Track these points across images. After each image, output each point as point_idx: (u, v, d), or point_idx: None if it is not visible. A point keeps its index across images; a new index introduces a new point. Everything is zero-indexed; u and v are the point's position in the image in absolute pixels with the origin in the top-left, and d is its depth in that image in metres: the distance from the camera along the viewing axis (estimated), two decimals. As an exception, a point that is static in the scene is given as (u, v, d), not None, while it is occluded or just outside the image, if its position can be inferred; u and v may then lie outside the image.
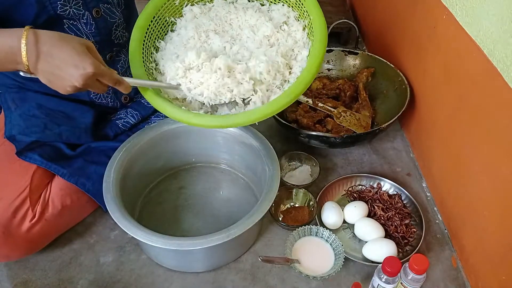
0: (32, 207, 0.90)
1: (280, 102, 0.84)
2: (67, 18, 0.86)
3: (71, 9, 0.85)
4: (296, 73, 0.89)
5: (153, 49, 0.95)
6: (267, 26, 0.92)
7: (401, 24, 1.28)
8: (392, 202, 1.04)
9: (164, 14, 0.97)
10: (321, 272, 0.91)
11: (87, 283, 0.93)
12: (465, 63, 0.91)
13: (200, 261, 0.93)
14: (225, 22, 0.97)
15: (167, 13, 0.98)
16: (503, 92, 0.77)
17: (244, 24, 0.96)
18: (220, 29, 0.96)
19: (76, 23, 0.87)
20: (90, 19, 0.89)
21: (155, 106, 0.87)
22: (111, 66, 0.98)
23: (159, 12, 0.95)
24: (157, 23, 0.96)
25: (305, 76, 0.85)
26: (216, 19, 0.96)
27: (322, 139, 1.10)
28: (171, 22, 0.99)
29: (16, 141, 0.95)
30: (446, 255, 0.99)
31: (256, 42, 0.92)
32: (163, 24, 0.97)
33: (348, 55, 1.35)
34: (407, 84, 1.18)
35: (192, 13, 0.98)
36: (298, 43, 0.93)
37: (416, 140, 1.22)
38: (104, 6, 0.91)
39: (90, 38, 0.90)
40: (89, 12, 0.88)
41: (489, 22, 0.81)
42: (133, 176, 0.99)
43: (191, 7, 0.99)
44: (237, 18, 0.97)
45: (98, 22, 0.90)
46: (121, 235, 1.01)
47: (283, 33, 0.94)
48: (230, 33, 0.95)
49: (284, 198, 1.06)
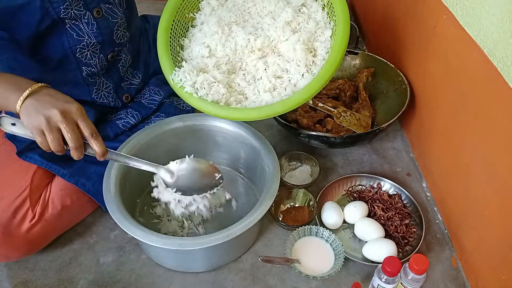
0: (32, 208, 0.90)
1: (315, 86, 0.85)
2: (69, 19, 0.86)
3: (72, 11, 0.85)
4: (322, 55, 0.91)
5: (179, 48, 0.98)
6: (287, 11, 0.93)
7: (401, 24, 1.27)
8: (392, 202, 1.04)
9: (183, 11, 0.99)
10: (321, 272, 0.91)
11: (87, 283, 0.93)
12: (465, 63, 0.91)
13: (200, 261, 0.93)
14: (244, 11, 0.98)
15: (186, 10, 0.99)
16: (503, 92, 0.77)
17: (263, 11, 0.97)
18: (241, 19, 0.97)
19: (78, 23, 0.87)
20: (91, 19, 0.88)
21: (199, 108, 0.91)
22: (113, 66, 0.99)
23: (179, 10, 0.97)
24: (178, 21, 0.98)
25: (335, 57, 0.86)
26: (234, 10, 0.98)
27: (322, 139, 1.10)
28: (190, 17, 1.01)
29: (16, 141, 0.95)
30: (446, 255, 0.99)
31: (278, 29, 0.92)
32: (184, 21, 1.00)
33: (348, 55, 1.35)
34: (407, 84, 1.18)
35: (210, 7, 0.99)
36: (320, 24, 0.93)
37: (416, 140, 1.22)
38: (106, 6, 0.91)
39: (92, 38, 0.90)
40: (90, 12, 0.88)
41: (489, 22, 0.81)
42: (133, 176, 0.99)
43: (208, 0, 1.00)
44: (255, 6, 0.98)
45: (100, 22, 0.90)
46: (121, 235, 1.01)
47: (304, 15, 0.94)
48: (251, 22, 0.97)
49: (284, 198, 1.06)
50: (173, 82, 0.93)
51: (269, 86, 0.90)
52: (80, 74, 0.93)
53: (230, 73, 0.93)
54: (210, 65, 0.92)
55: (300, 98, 0.86)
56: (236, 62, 0.94)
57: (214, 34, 0.94)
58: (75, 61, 0.91)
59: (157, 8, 1.69)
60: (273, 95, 0.89)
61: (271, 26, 0.94)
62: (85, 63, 0.92)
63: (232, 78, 0.93)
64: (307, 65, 0.90)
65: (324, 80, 0.86)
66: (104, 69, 0.97)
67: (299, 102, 0.86)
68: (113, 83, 1.00)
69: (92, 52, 0.92)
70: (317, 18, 0.95)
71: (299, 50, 0.90)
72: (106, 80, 0.99)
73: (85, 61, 0.92)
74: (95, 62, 0.93)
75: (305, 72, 0.89)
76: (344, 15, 0.89)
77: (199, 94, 0.90)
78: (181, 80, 0.92)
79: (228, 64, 0.94)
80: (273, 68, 0.92)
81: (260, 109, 0.87)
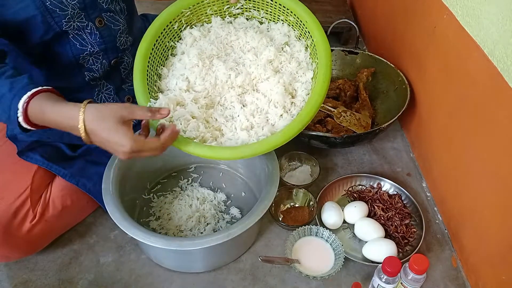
0: (32, 208, 0.90)
1: (294, 128, 0.83)
2: (71, 30, 0.86)
3: (74, 23, 0.86)
4: (302, 96, 0.89)
5: (156, 77, 0.95)
6: (270, 50, 0.92)
7: (401, 24, 1.27)
8: (392, 202, 1.04)
9: (163, 39, 0.96)
10: (321, 272, 0.91)
11: (87, 283, 0.93)
12: (465, 63, 0.91)
13: (200, 261, 0.93)
14: (226, 44, 0.97)
15: (166, 38, 0.97)
16: (503, 92, 0.77)
17: (245, 46, 0.96)
18: (223, 53, 0.95)
19: (81, 33, 0.88)
20: (94, 29, 0.89)
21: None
22: (115, 70, 0.99)
23: (159, 39, 0.95)
24: (157, 49, 0.95)
25: (316, 100, 0.85)
26: (217, 42, 0.96)
27: (322, 139, 1.10)
28: (170, 46, 0.98)
29: (17, 141, 0.95)
30: (446, 255, 0.99)
31: (260, 67, 0.91)
32: (163, 49, 0.97)
33: (348, 55, 1.35)
34: (407, 84, 1.18)
35: (192, 37, 0.97)
36: (302, 65, 0.93)
37: (416, 140, 1.22)
38: (107, 15, 0.91)
39: (95, 47, 0.90)
40: (92, 22, 0.88)
41: (489, 22, 0.81)
42: (132, 176, 0.99)
43: (190, 30, 0.98)
44: (237, 40, 0.96)
45: (102, 31, 0.90)
46: (121, 235, 1.01)
47: (286, 55, 0.93)
48: (233, 57, 0.95)
49: (284, 198, 1.06)
50: None
51: (246, 124, 0.87)
52: (83, 79, 0.93)
53: (208, 108, 0.90)
54: (188, 100, 0.88)
55: (277, 140, 0.83)
56: (215, 97, 0.91)
57: (194, 66, 0.92)
58: (78, 68, 0.92)
59: (157, 8, 1.70)
60: (249, 134, 0.86)
61: (253, 63, 0.92)
62: (88, 68, 0.93)
63: (209, 113, 0.89)
64: (285, 107, 0.88)
65: (302, 123, 0.84)
66: (106, 74, 0.97)
67: (276, 144, 0.83)
68: (114, 86, 1.00)
69: (95, 59, 0.93)
70: (299, 58, 0.94)
71: (278, 92, 0.88)
72: (107, 83, 0.99)
73: (88, 66, 0.93)
74: (97, 68, 0.94)
75: (283, 113, 0.88)
76: (326, 60, 0.87)
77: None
78: None
79: (206, 98, 0.90)
80: (251, 107, 0.89)
81: (234, 149, 0.83)
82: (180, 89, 0.90)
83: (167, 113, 0.77)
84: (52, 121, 0.74)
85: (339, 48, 1.36)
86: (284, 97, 0.88)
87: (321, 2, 1.70)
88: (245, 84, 0.91)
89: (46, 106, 0.73)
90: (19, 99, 0.72)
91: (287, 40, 0.97)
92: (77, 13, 0.85)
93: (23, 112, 0.72)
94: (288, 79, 0.91)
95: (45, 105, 0.73)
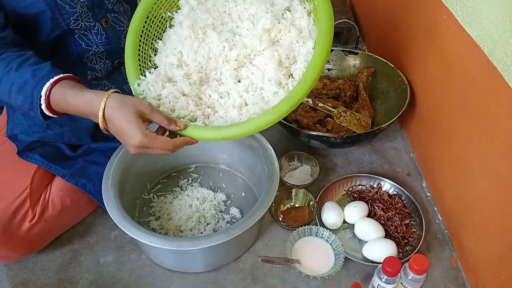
0: (32, 208, 0.90)
1: (283, 107, 0.75)
2: (78, 29, 0.87)
3: (82, 23, 0.86)
4: (301, 69, 0.80)
5: (151, 51, 0.88)
6: (267, 17, 0.82)
7: (401, 24, 1.27)
8: (392, 202, 1.04)
9: (159, 10, 0.89)
10: (321, 272, 0.91)
11: (87, 283, 0.93)
12: (465, 63, 0.91)
13: (200, 261, 0.93)
14: (223, 12, 0.88)
15: (162, 9, 0.89)
16: (503, 92, 0.77)
17: (243, 13, 0.86)
18: (219, 22, 0.87)
19: (87, 33, 0.88)
20: (101, 29, 0.90)
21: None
22: (117, 70, 0.99)
23: (153, 9, 0.88)
24: (152, 22, 0.88)
25: (309, 76, 0.75)
26: (213, 11, 0.88)
27: (322, 139, 1.10)
28: (168, 17, 0.90)
29: (17, 141, 0.95)
30: (446, 255, 0.99)
31: (256, 37, 0.82)
32: (159, 21, 0.89)
33: (348, 55, 1.35)
34: (407, 84, 1.18)
35: (189, 5, 0.90)
36: (304, 32, 0.82)
37: (416, 140, 1.22)
38: (112, 16, 0.91)
39: (100, 47, 0.91)
40: (99, 22, 0.89)
41: (489, 22, 0.81)
42: (132, 176, 0.99)
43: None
44: (236, 7, 0.87)
45: (108, 32, 0.91)
46: (121, 235, 1.01)
47: (285, 22, 0.83)
48: (230, 26, 0.87)
49: (284, 198, 1.06)
50: (134, 92, 0.83)
51: (239, 101, 0.80)
52: (85, 78, 0.94)
53: (203, 83, 0.84)
54: (179, 76, 0.82)
55: (263, 120, 0.75)
56: (210, 71, 0.84)
57: (187, 38, 0.85)
58: (82, 66, 0.92)
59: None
60: (241, 112, 0.79)
61: (249, 33, 0.83)
62: (91, 68, 0.93)
63: (203, 89, 0.83)
64: (281, 83, 0.79)
65: (291, 104, 0.75)
66: (108, 74, 0.97)
67: (262, 125, 0.75)
68: (116, 86, 1.00)
69: (99, 58, 0.93)
70: (301, 25, 0.83)
71: (271, 67, 0.79)
72: (109, 83, 0.99)
73: (91, 66, 0.93)
74: (101, 67, 0.94)
75: (278, 89, 0.79)
76: (326, 24, 0.76)
77: (162, 108, 0.80)
78: (143, 92, 0.82)
79: (201, 73, 0.84)
80: (246, 82, 0.81)
81: (218, 130, 0.77)
82: (170, 64, 0.85)
83: (183, 127, 0.77)
84: (73, 108, 0.74)
85: (339, 48, 1.36)
86: (277, 72, 0.79)
87: (321, 2, 1.70)
88: (240, 57, 0.83)
89: (68, 93, 0.73)
90: (42, 86, 0.73)
91: (289, 5, 0.85)
92: (85, 12, 0.85)
93: (45, 99, 0.73)
94: (285, 51, 0.81)
95: (67, 92, 0.73)
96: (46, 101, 0.73)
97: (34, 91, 0.73)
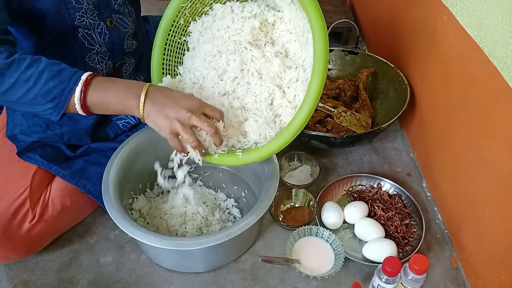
0: (32, 208, 0.90)
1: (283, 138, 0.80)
2: (82, 28, 0.87)
3: (87, 20, 0.86)
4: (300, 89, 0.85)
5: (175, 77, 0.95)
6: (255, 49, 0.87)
7: (401, 24, 1.27)
8: (392, 202, 1.04)
9: (174, 38, 0.95)
10: (321, 272, 0.91)
11: (87, 283, 0.93)
12: (465, 63, 0.91)
13: (200, 261, 0.93)
14: (228, 38, 0.92)
15: (176, 37, 0.96)
16: (503, 92, 0.77)
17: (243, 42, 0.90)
18: (224, 48, 0.91)
19: (91, 32, 0.88)
20: (105, 29, 0.90)
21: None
22: (117, 71, 0.99)
23: (169, 36, 0.94)
24: (170, 51, 0.95)
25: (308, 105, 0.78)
26: (218, 38, 0.92)
27: (322, 139, 1.10)
28: (183, 41, 0.97)
29: (17, 141, 0.95)
30: (446, 255, 0.99)
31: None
32: (177, 46, 0.96)
33: (348, 55, 1.35)
34: (407, 84, 1.18)
35: (197, 32, 0.94)
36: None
37: (416, 140, 1.22)
38: (116, 17, 0.91)
39: (102, 47, 0.91)
40: (104, 22, 0.89)
41: (489, 22, 0.81)
42: (132, 176, 0.99)
43: (193, 25, 0.95)
44: (238, 35, 0.91)
45: (112, 32, 0.91)
46: (121, 235, 1.01)
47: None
48: (240, 54, 0.90)
49: (284, 198, 1.06)
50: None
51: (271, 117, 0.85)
52: None
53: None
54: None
55: (284, 139, 0.81)
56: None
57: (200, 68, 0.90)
58: (83, 66, 0.92)
59: (159, 8, 1.70)
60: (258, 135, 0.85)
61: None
62: (92, 68, 0.93)
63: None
64: (290, 101, 0.85)
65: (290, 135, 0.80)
66: (108, 75, 0.97)
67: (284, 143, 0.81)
68: None
69: (101, 58, 0.93)
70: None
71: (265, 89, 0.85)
72: None
73: (92, 65, 0.93)
74: (102, 68, 0.94)
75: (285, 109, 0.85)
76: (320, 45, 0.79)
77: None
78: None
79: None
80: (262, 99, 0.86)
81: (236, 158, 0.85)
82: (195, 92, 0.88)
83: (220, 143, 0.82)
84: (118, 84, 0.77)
85: (339, 48, 1.36)
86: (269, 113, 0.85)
87: (321, 2, 1.66)
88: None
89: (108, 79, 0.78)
90: (81, 74, 0.75)
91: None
92: (91, 10, 0.85)
93: (84, 84, 0.74)
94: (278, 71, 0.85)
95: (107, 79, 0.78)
96: (85, 86, 0.74)
97: (73, 76, 0.74)
